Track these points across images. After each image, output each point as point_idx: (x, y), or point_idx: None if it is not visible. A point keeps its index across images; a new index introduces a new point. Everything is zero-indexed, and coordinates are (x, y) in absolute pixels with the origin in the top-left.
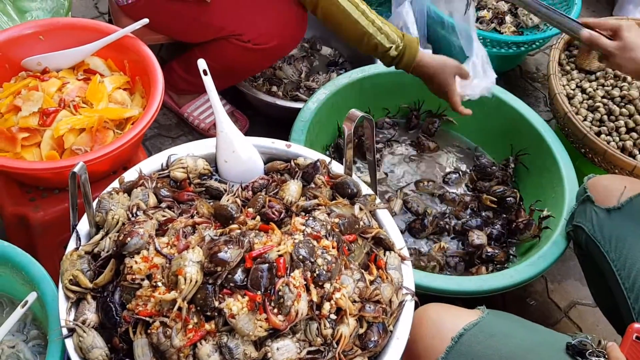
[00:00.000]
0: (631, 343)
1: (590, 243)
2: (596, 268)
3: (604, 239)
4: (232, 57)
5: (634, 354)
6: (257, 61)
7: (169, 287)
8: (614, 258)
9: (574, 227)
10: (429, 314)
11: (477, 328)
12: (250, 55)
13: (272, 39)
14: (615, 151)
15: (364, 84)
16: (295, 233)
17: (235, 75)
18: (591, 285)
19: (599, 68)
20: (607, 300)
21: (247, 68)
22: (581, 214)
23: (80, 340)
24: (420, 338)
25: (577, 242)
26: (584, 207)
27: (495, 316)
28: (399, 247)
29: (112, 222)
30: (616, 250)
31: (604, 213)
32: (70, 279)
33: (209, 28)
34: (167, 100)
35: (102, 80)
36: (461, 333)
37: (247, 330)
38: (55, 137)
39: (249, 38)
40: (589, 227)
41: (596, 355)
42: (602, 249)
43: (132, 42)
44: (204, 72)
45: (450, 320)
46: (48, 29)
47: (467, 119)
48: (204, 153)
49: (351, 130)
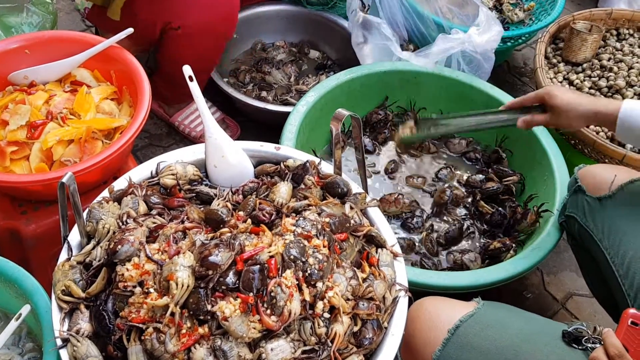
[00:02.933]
0: (627, 328)
1: (583, 232)
2: (590, 257)
3: (596, 227)
4: (176, 51)
5: (629, 339)
6: (200, 48)
7: (161, 292)
8: (607, 246)
9: (567, 217)
10: (425, 307)
11: (473, 319)
12: (189, 43)
13: (199, 18)
14: (605, 141)
15: (353, 85)
16: (285, 234)
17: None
18: (586, 275)
19: (585, 59)
20: (603, 289)
21: (197, 59)
22: (573, 204)
23: (75, 350)
24: (417, 332)
25: (570, 233)
26: (575, 197)
27: (491, 307)
28: (390, 244)
29: (103, 231)
30: (609, 238)
31: (596, 202)
32: (63, 289)
33: (145, 23)
34: (158, 111)
35: (89, 91)
36: (457, 325)
37: (241, 332)
38: (43, 149)
39: (178, 24)
40: (581, 217)
41: (592, 342)
42: (595, 237)
43: (118, 52)
44: (190, 78)
45: (446, 312)
46: (34, 42)
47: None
48: (193, 159)
49: (338, 129)
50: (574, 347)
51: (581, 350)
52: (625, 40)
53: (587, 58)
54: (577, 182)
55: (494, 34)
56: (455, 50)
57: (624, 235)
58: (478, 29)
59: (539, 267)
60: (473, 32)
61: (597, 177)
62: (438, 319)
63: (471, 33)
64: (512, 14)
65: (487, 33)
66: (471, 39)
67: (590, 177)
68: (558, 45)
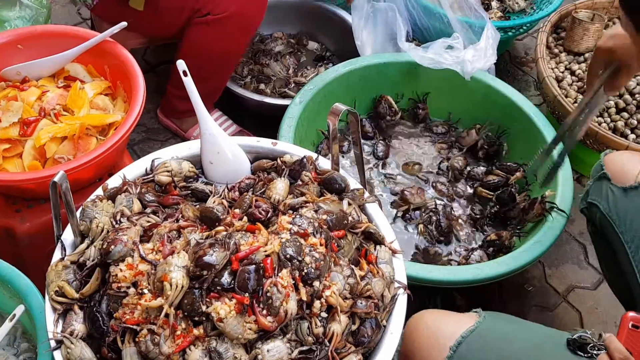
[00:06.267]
0: (628, 332)
1: (604, 222)
2: (609, 247)
3: (619, 218)
4: (203, 42)
5: (632, 342)
6: (228, 38)
7: (155, 293)
8: (628, 240)
9: (589, 204)
10: (424, 322)
11: (475, 334)
12: (217, 31)
13: (230, 4)
14: (607, 132)
15: (351, 77)
16: (282, 232)
17: (219, 66)
18: (603, 264)
19: (588, 49)
20: (619, 280)
21: (224, 50)
22: (596, 191)
23: (69, 351)
24: (417, 350)
25: (591, 220)
26: (599, 184)
27: (492, 319)
28: (389, 241)
29: (97, 230)
30: (631, 231)
31: (621, 192)
32: (56, 290)
33: (171, 12)
34: (171, 126)
35: (83, 87)
36: (459, 341)
37: (236, 333)
38: (37, 146)
39: (207, 10)
40: (604, 206)
41: (597, 349)
42: (616, 229)
43: (112, 46)
44: (184, 73)
45: (446, 328)
46: (26, 37)
47: (458, 107)
48: (188, 155)
49: (335, 124)
50: (579, 354)
51: (587, 358)
52: None
53: (590, 48)
54: (602, 168)
55: (487, 64)
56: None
57: None
58: (475, 55)
59: (540, 260)
60: (469, 56)
61: (623, 165)
62: (439, 334)
63: (467, 57)
64: (513, 2)
65: (481, 60)
66: (464, 64)
67: (615, 165)
68: (560, 35)
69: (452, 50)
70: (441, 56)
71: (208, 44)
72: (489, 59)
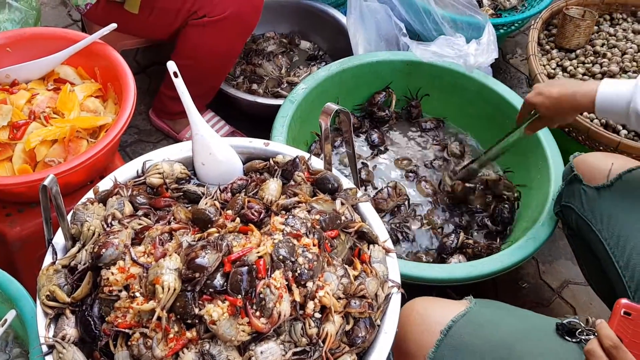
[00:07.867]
0: (619, 318)
1: (581, 223)
2: (587, 247)
3: (595, 218)
4: (199, 43)
5: (623, 329)
6: (224, 40)
7: (147, 296)
8: (606, 237)
9: (563, 207)
10: (416, 308)
11: (465, 319)
12: (214, 33)
13: (227, 7)
14: (599, 128)
15: (344, 76)
16: (274, 233)
17: (215, 68)
18: (582, 264)
19: (579, 46)
20: (599, 278)
21: (220, 52)
22: (569, 194)
23: (60, 356)
24: (409, 334)
25: (567, 222)
26: (571, 186)
27: (483, 305)
28: (382, 240)
29: (88, 233)
30: (608, 229)
31: (594, 191)
32: (48, 294)
33: (167, 15)
34: (163, 127)
35: (73, 89)
36: (450, 325)
37: (229, 335)
38: (26, 150)
39: (204, 12)
40: (579, 207)
41: (586, 334)
42: (593, 227)
43: (102, 48)
44: (175, 75)
45: (437, 313)
46: (15, 40)
47: (451, 106)
48: (180, 157)
49: (327, 124)
50: (568, 339)
51: (575, 342)
52: (618, 25)
53: (581, 44)
54: (572, 170)
55: (490, 59)
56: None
57: (623, 225)
58: (477, 49)
59: (534, 257)
60: (471, 50)
61: (593, 165)
62: (430, 319)
63: (469, 51)
64: (505, 0)
65: (484, 55)
66: (467, 57)
67: (586, 166)
68: (551, 32)
69: (455, 45)
70: (443, 50)
71: (204, 46)
72: (491, 54)
